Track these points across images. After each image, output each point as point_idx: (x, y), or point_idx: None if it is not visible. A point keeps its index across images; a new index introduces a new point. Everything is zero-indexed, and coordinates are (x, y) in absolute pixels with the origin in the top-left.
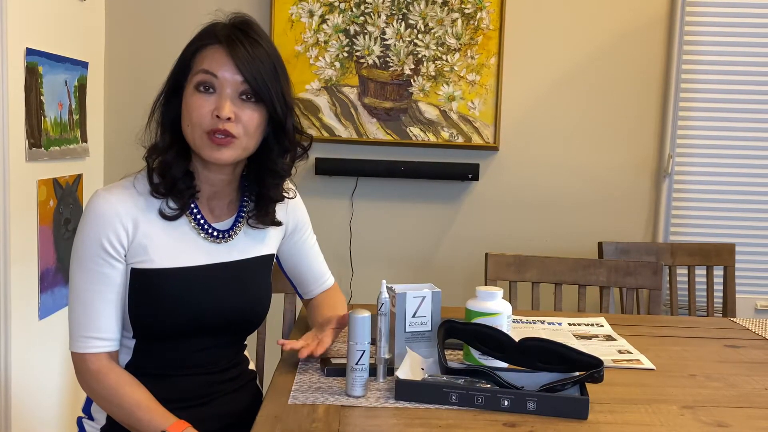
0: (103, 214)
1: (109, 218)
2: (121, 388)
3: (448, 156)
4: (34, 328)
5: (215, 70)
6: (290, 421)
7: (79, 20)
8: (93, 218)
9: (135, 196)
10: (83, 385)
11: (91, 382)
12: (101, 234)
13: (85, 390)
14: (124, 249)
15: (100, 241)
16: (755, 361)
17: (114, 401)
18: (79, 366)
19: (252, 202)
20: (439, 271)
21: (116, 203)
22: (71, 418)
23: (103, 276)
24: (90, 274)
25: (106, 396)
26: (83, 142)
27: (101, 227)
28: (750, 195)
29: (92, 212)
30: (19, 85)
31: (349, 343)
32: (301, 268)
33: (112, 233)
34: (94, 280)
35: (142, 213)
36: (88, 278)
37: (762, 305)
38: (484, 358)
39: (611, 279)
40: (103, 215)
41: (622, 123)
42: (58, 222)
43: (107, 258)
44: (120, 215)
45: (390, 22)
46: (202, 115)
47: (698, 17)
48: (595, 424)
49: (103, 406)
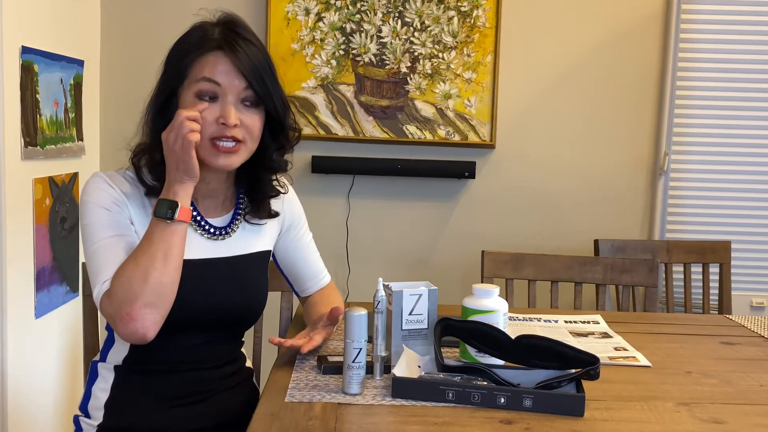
0: (104, 188)
1: (109, 190)
2: (123, 268)
3: (444, 154)
4: (30, 326)
5: (216, 77)
6: (287, 418)
7: (75, 18)
8: (93, 188)
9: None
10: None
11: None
12: (106, 198)
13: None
14: (126, 215)
15: (106, 203)
16: (751, 358)
17: (135, 267)
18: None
19: (247, 198)
20: (436, 269)
21: (114, 180)
22: (68, 416)
23: (115, 223)
24: (104, 224)
25: (131, 278)
26: (79, 140)
27: (104, 195)
28: (746, 192)
29: (92, 184)
30: (15, 84)
31: (346, 341)
32: (297, 265)
33: (114, 200)
34: (109, 226)
35: (138, 206)
36: (102, 229)
37: (757, 302)
38: (480, 356)
39: (607, 276)
40: (104, 188)
41: (618, 121)
42: (54, 220)
43: (113, 209)
44: (117, 190)
45: (386, 20)
46: (206, 123)
47: (694, 15)
48: (591, 421)
49: (136, 288)
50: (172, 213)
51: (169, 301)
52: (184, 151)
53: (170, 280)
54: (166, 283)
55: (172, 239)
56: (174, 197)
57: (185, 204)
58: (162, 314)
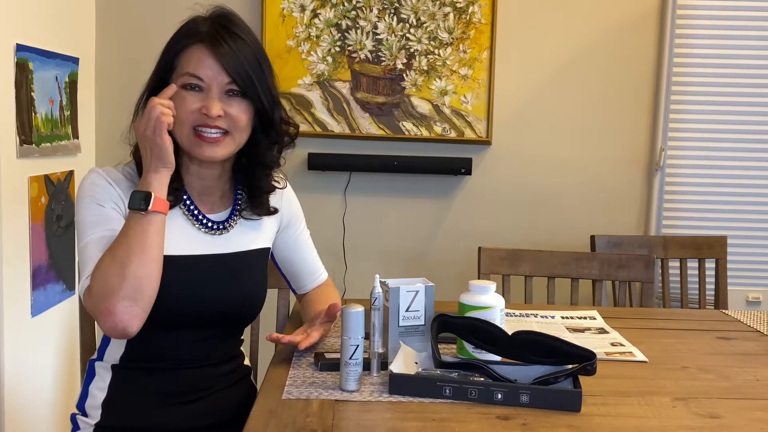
0: (100, 183)
1: (105, 186)
2: (101, 261)
3: (440, 150)
4: (26, 325)
5: (199, 72)
6: (284, 416)
7: (70, 16)
8: (89, 184)
9: (127, 181)
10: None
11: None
12: (100, 194)
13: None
14: (122, 211)
15: (100, 199)
16: (747, 353)
17: (111, 261)
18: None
19: (245, 195)
20: (433, 266)
21: (110, 175)
22: (65, 414)
23: (108, 218)
24: (95, 220)
25: (106, 271)
26: (74, 138)
27: (99, 190)
28: (742, 188)
29: (88, 180)
30: (10, 82)
31: (343, 338)
32: (294, 262)
33: (109, 196)
34: (100, 222)
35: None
36: (93, 224)
37: (753, 297)
38: (477, 352)
39: (604, 272)
40: (100, 184)
41: (614, 117)
42: (50, 219)
43: (107, 205)
44: (113, 185)
45: (382, 16)
46: (188, 112)
47: (690, 11)
48: (588, 417)
49: (114, 276)
50: (146, 204)
51: (149, 293)
52: (156, 133)
53: (148, 272)
54: (143, 276)
55: (147, 230)
56: (147, 188)
57: (160, 194)
58: (143, 307)
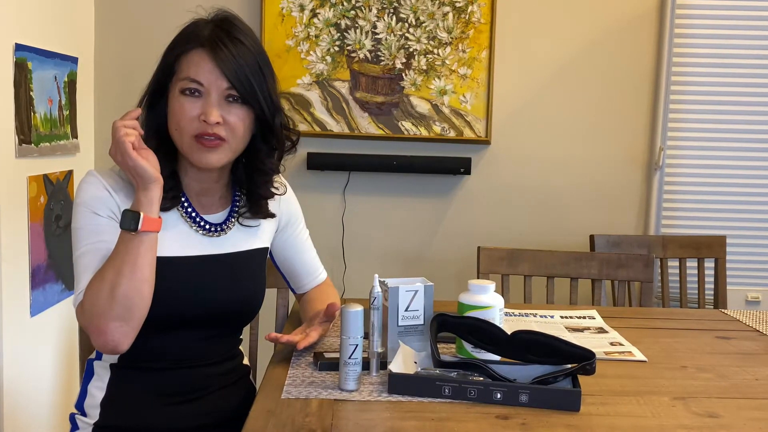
0: (96, 189)
1: (101, 192)
2: (92, 281)
3: (439, 150)
4: (25, 325)
5: (199, 77)
6: (283, 415)
7: (69, 15)
8: (85, 190)
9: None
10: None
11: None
12: (96, 201)
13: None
14: (118, 219)
15: (95, 206)
16: (746, 352)
17: (101, 282)
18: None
19: (243, 197)
20: (432, 265)
21: (108, 181)
22: (64, 414)
23: (103, 229)
24: (90, 230)
25: (97, 290)
26: (73, 137)
27: (95, 198)
28: (741, 187)
29: (85, 184)
30: (8, 81)
31: (342, 338)
32: (293, 262)
33: (104, 203)
34: (94, 232)
35: (131, 199)
36: (88, 234)
37: (752, 297)
38: (476, 351)
39: (603, 272)
40: (96, 190)
41: (613, 116)
42: (49, 218)
43: (103, 214)
44: (110, 191)
45: (381, 16)
46: (189, 119)
47: (689, 10)
48: (587, 416)
49: (102, 297)
50: (135, 224)
51: (139, 313)
52: (126, 156)
53: (138, 292)
54: (133, 296)
55: (138, 250)
56: (138, 207)
57: (150, 212)
58: (133, 326)
